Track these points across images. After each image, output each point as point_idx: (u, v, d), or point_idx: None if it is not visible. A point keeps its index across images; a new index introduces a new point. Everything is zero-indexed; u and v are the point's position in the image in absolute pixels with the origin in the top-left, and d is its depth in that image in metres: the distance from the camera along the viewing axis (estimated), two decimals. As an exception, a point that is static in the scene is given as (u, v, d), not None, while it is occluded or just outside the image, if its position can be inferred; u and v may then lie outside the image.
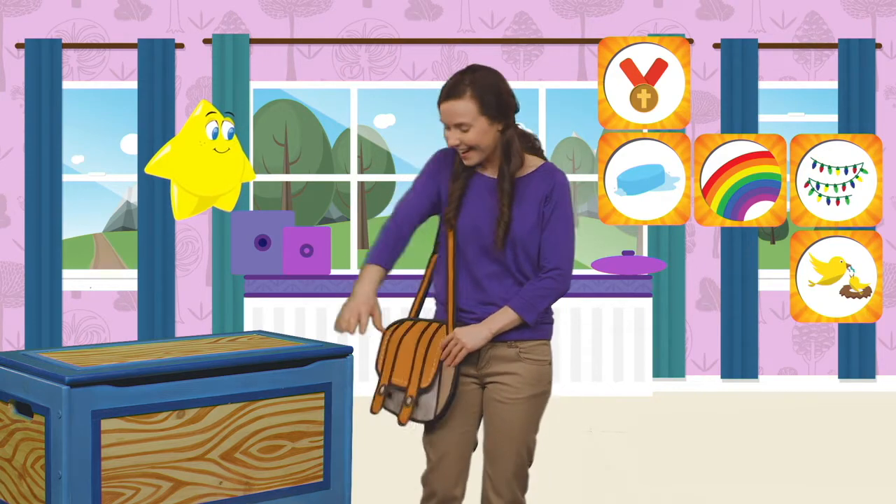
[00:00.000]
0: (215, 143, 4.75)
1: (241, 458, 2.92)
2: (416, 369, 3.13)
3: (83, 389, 2.67)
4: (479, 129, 3.07)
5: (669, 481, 5.08)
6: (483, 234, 3.12)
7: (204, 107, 4.85)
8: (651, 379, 7.13)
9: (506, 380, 3.15)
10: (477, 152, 3.10)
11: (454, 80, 3.10)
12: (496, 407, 3.16)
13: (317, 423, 3.07)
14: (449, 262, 3.16)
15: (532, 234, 3.11)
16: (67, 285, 7.52)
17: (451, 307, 3.14)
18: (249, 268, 7.02)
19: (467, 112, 3.05)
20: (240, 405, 2.92)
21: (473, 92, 3.06)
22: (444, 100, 3.09)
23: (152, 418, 2.77)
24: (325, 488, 3.10)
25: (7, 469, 2.90)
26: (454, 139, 3.08)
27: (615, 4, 7.53)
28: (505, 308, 3.12)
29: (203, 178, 4.79)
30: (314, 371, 3.06)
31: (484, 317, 3.13)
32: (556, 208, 3.12)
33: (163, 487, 2.79)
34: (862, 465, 5.39)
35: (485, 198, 3.14)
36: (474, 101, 3.06)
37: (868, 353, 7.42)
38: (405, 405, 3.11)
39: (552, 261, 3.13)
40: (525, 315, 3.10)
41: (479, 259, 3.13)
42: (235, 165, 4.89)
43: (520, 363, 3.15)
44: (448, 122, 3.09)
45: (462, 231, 3.14)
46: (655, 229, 7.46)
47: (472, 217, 3.13)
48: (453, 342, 3.09)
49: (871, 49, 7.42)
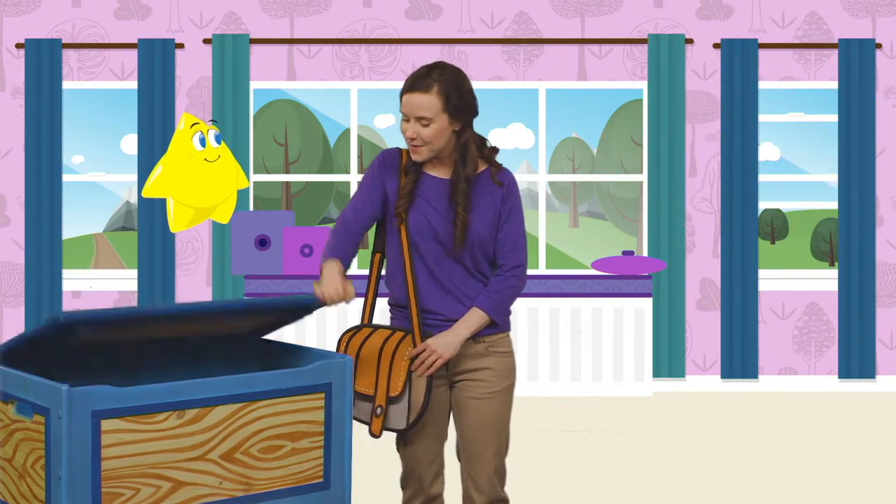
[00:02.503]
0: (204, 152, 4.76)
1: (242, 459, 2.92)
2: (382, 378, 3.10)
3: (83, 389, 2.67)
4: (438, 126, 3.06)
5: (669, 481, 5.08)
6: (439, 234, 3.11)
7: (186, 120, 4.86)
8: (651, 379, 7.13)
9: (478, 375, 3.15)
10: (428, 149, 3.08)
11: (421, 73, 3.08)
12: (471, 404, 3.16)
13: (317, 424, 3.07)
14: (406, 262, 3.13)
15: (489, 234, 3.13)
16: (67, 285, 7.52)
17: (416, 311, 3.11)
18: (249, 268, 7.02)
19: (431, 106, 3.04)
20: (240, 405, 2.92)
21: (440, 88, 3.05)
22: (410, 91, 3.06)
23: (152, 418, 2.77)
24: (325, 488, 3.10)
25: (7, 469, 2.90)
26: (411, 132, 3.06)
27: (615, 4, 7.53)
28: (473, 309, 3.12)
29: (198, 190, 4.80)
30: (314, 371, 3.05)
31: (450, 315, 3.13)
32: (512, 208, 3.16)
33: (163, 488, 2.79)
34: (862, 465, 5.39)
35: (437, 198, 3.12)
36: (439, 97, 3.05)
37: (868, 353, 7.42)
38: (375, 416, 3.10)
39: (513, 259, 3.16)
40: (497, 316, 3.14)
41: (438, 259, 3.12)
42: (228, 174, 4.91)
43: (489, 357, 3.16)
44: (409, 113, 3.06)
45: (415, 227, 3.11)
46: (655, 229, 7.46)
47: (424, 215, 3.11)
48: (427, 352, 3.07)
49: (871, 49, 7.42)
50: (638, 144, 11.56)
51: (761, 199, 7.62)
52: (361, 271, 7.03)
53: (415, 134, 3.07)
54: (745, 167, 7.44)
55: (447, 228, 3.11)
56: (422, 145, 3.08)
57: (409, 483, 3.24)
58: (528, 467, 5.10)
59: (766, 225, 15.91)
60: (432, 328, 3.14)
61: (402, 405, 3.09)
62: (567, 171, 13.55)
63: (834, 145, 7.59)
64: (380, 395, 3.11)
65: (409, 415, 3.08)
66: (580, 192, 15.62)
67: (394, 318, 3.25)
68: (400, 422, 3.09)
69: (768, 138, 8.36)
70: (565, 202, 15.28)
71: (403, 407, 3.08)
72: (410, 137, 3.08)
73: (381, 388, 3.10)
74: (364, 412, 3.15)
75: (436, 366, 3.07)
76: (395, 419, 3.10)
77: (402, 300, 3.18)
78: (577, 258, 14.06)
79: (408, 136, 3.08)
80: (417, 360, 3.08)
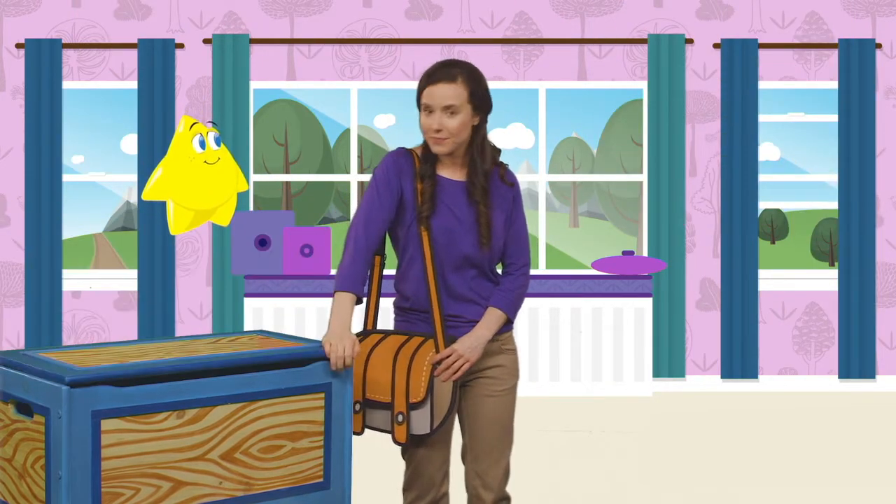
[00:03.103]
0: (204, 154, 4.76)
1: (241, 459, 2.92)
2: (399, 384, 3.06)
3: (83, 389, 2.67)
4: (462, 117, 3.05)
5: (670, 481, 5.08)
6: (461, 236, 3.09)
7: (186, 122, 4.86)
8: (651, 379, 7.13)
9: (492, 373, 3.16)
10: (452, 141, 3.06)
11: (445, 65, 3.08)
12: (485, 402, 3.15)
13: (317, 423, 3.06)
14: (428, 267, 3.08)
15: (504, 233, 3.16)
16: (67, 285, 7.52)
17: (439, 315, 3.08)
18: (249, 268, 7.02)
19: (457, 95, 3.03)
20: (240, 405, 2.91)
21: (464, 79, 3.05)
22: (434, 82, 3.05)
23: (152, 418, 2.77)
24: (325, 488, 3.10)
25: (7, 469, 2.90)
26: (437, 123, 3.04)
27: (615, 4, 7.53)
28: (491, 310, 3.13)
29: (198, 193, 4.80)
30: (314, 371, 3.05)
31: (472, 318, 3.13)
32: (518, 207, 3.20)
33: (163, 487, 2.79)
34: (862, 465, 5.39)
35: (455, 201, 3.11)
36: (465, 88, 3.05)
37: (868, 353, 7.42)
38: (397, 423, 3.06)
39: (521, 258, 3.19)
40: (513, 315, 3.16)
41: (459, 262, 3.11)
42: (228, 176, 4.91)
43: (502, 355, 3.17)
44: (434, 104, 3.04)
45: (438, 231, 3.08)
46: (655, 229, 7.46)
47: (446, 218, 3.09)
48: (454, 357, 3.05)
49: (871, 49, 7.42)
50: (638, 144, 11.56)
51: (761, 199, 7.62)
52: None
53: (440, 125, 3.04)
54: (745, 167, 7.44)
55: (470, 230, 3.09)
56: (447, 137, 3.05)
57: (414, 485, 3.21)
58: (528, 467, 5.10)
59: (766, 225, 15.91)
60: (454, 331, 3.13)
61: (425, 410, 3.05)
62: (567, 171, 13.54)
63: (834, 145, 7.59)
64: (399, 401, 3.06)
65: (434, 419, 3.04)
66: (580, 192, 15.61)
67: (403, 320, 3.22)
68: (424, 427, 3.05)
69: (768, 138, 8.36)
70: (565, 202, 15.28)
71: (426, 412, 3.04)
72: (436, 129, 3.04)
73: (399, 395, 3.06)
74: (380, 420, 3.10)
75: (462, 370, 3.05)
76: (418, 425, 3.05)
77: (420, 304, 3.14)
78: (577, 258, 14.06)
79: (433, 127, 3.04)
80: (443, 365, 3.05)
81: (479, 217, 3.09)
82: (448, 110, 3.04)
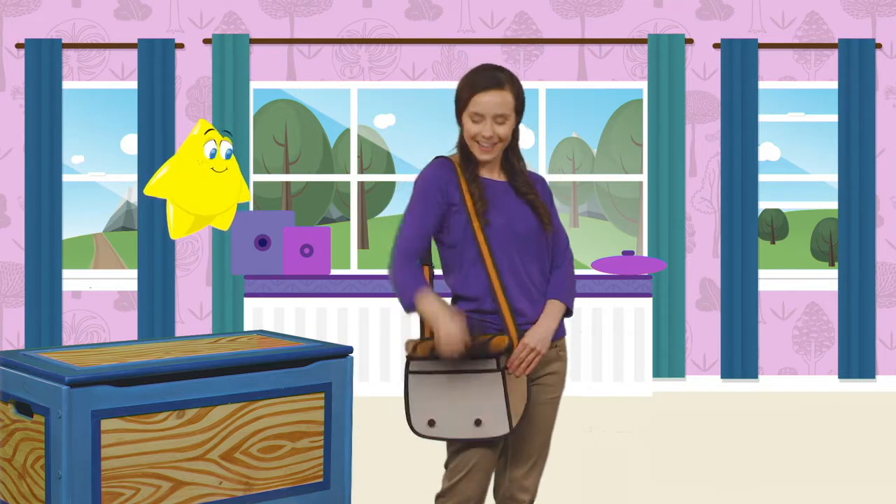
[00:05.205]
0: (213, 162, 4.76)
1: (241, 458, 2.92)
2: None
3: (83, 389, 2.67)
4: (511, 124, 3.07)
5: (669, 481, 5.08)
6: (520, 231, 3.08)
7: (202, 126, 4.86)
8: (651, 379, 7.13)
9: (548, 380, 3.16)
10: (500, 147, 3.09)
11: (490, 71, 3.07)
12: (540, 409, 3.15)
13: (317, 423, 3.06)
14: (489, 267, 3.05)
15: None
16: (67, 285, 7.52)
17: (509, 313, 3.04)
18: (249, 268, 7.02)
19: (507, 104, 3.05)
20: (240, 405, 2.92)
21: (510, 85, 3.07)
22: (486, 89, 3.03)
23: (152, 418, 2.77)
24: (325, 488, 3.10)
25: (7, 469, 2.90)
26: (489, 131, 3.04)
27: (615, 4, 7.53)
28: (552, 302, 3.11)
29: (200, 198, 4.80)
30: (314, 371, 3.05)
31: (534, 316, 3.09)
32: (551, 202, 3.23)
33: (163, 487, 2.79)
34: (862, 465, 5.39)
35: (502, 199, 3.10)
36: (512, 95, 3.06)
37: (868, 352, 7.42)
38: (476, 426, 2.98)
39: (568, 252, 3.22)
40: (571, 303, 3.15)
41: (523, 258, 3.09)
42: (232, 185, 4.91)
43: (559, 362, 3.18)
44: (488, 112, 3.03)
45: (496, 229, 3.06)
46: (655, 229, 7.46)
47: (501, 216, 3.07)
48: (526, 351, 3.01)
49: (871, 49, 7.42)
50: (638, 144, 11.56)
51: (761, 199, 7.62)
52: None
53: (493, 133, 3.04)
54: (745, 167, 7.44)
55: (527, 222, 3.09)
56: (498, 143, 3.07)
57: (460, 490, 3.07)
58: (528, 467, 5.10)
59: (766, 225, 15.91)
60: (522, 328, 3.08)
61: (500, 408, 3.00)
62: (567, 171, 13.55)
63: (834, 145, 7.59)
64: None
65: (512, 418, 3.00)
66: (580, 192, 15.61)
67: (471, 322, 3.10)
68: (502, 427, 2.99)
69: (768, 138, 8.36)
70: (565, 202, 15.28)
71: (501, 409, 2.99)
72: (488, 136, 3.04)
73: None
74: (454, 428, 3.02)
75: (534, 363, 3.02)
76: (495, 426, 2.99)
77: (484, 305, 3.07)
78: (577, 258, 14.09)
79: (485, 135, 3.04)
80: (516, 360, 3.01)
81: (535, 204, 3.10)
82: (499, 118, 3.05)
